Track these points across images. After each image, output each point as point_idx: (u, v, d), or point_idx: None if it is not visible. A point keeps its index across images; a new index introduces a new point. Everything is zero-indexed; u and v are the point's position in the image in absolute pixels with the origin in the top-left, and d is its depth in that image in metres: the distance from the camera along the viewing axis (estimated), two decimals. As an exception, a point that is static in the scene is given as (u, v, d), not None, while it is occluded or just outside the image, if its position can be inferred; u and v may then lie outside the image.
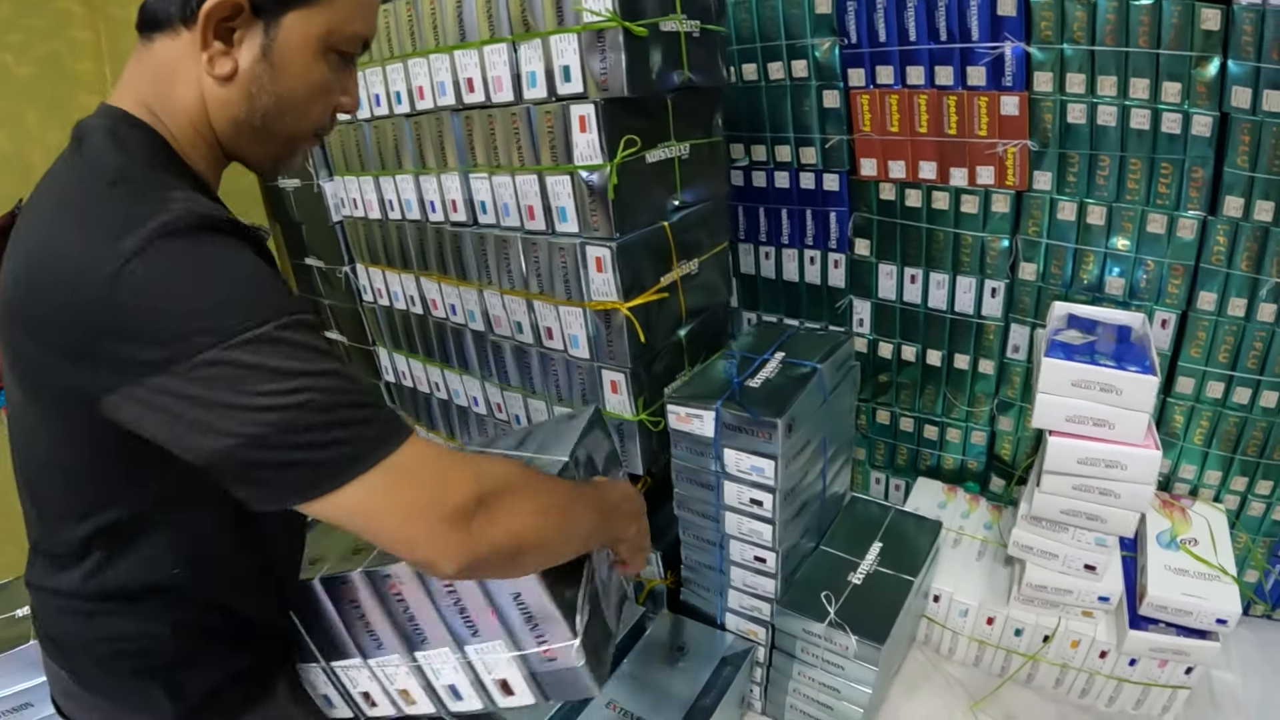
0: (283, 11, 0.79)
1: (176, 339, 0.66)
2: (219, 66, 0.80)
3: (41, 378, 0.75)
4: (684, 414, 1.52)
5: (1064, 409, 1.55)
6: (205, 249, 0.70)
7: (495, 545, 0.76)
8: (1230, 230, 1.59)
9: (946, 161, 1.80)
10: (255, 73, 0.81)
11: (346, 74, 0.89)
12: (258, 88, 0.81)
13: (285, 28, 0.80)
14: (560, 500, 0.87)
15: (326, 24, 0.82)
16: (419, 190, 1.79)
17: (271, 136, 0.86)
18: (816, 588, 1.65)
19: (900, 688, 1.85)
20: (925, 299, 1.98)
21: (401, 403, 2.36)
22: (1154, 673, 1.68)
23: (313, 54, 0.83)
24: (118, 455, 0.76)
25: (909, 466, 2.26)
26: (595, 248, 1.46)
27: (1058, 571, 1.70)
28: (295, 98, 0.84)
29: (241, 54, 0.80)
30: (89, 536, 0.82)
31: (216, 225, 0.71)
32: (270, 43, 0.80)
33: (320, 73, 0.84)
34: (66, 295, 0.67)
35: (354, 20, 0.84)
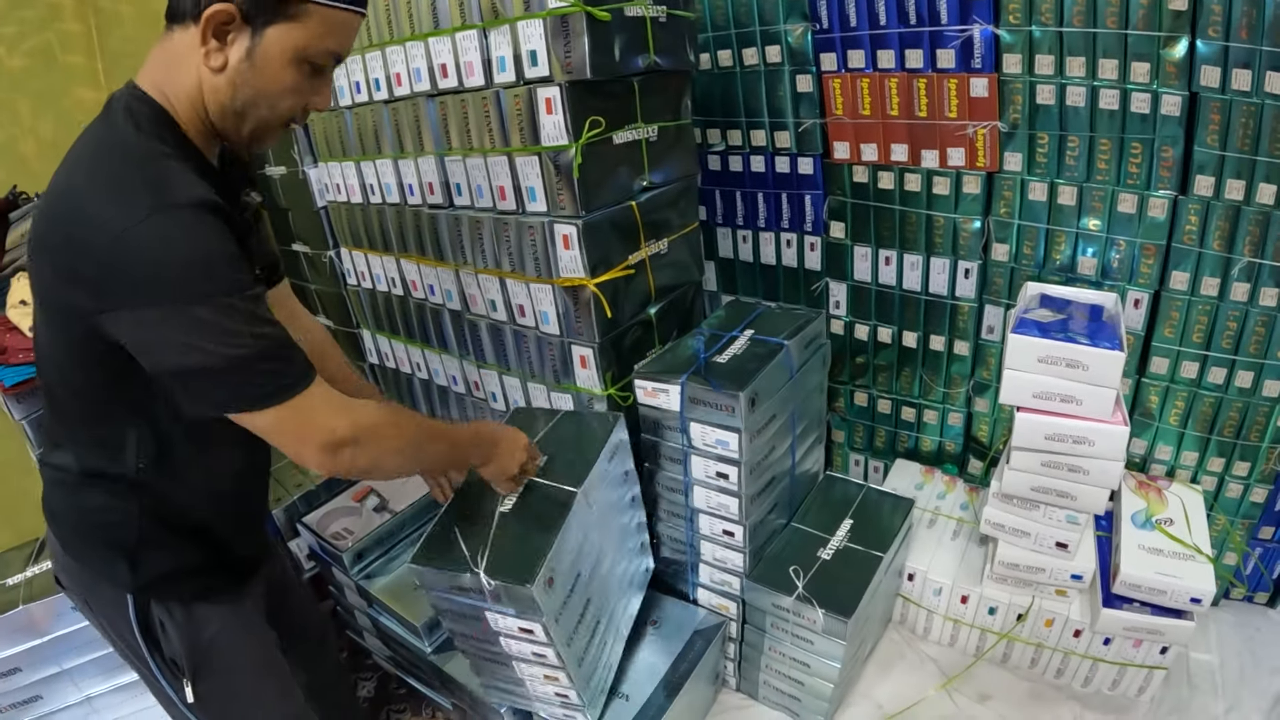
0: (267, 24, 0.97)
1: (163, 288, 0.89)
2: (213, 60, 0.98)
3: (56, 297, 0.99)
4: (651, 388, 1.56)
5: (1031, 385, 1.58)
6: (190, 226, 0.91)
7: (356, 467, 1.05)
8: (1202, 209, 1.61)
9: (918, 144, 1.84)
10: (240, 69, 0.99)
11: (321, 80, 1.06)
12: (241, 80, 0.99)
13: (268, 37, 0.97)
14: (417, 438, 1.15)
15: (302, 39, 0.99)
16: (398, 174, 1.85)
17: (247, 120, 1.04)
18: (785, 563, 1.68)
19: (875, 667, 1.88)
20: (900, 281, 2.01)
21: (385, 384, 2.41)
22: (1129, 653, 1.70)
23: (286, 61, 1.00)
24: (101, 365, 1.00)
25: (887, 449, 2.29)
26: (563, 226, 1.51)
27: (1030, 549, 1.73)
28: (269, 93, 1.01)
29: (232, 52, 0.98)
30: (77, 427, 1.12)
31: (202, 204, 0.92)
32: (254, 47, 0.98)
33: (291, 77, 1.01)
34: (83, 241, 0.90)
35: (327, 39, 1.01)
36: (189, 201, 0.92)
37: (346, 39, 1.05)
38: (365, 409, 1.07)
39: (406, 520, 1.95)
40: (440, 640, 1.77)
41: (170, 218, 0.90)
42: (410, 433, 1.14)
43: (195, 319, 0.91)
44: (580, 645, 1.44)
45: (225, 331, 0.92)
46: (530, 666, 1.45)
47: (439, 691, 1.88)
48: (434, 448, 1.21)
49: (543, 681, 1.47)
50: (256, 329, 0.95)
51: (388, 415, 1.10)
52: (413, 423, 1.16)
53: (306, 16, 0.98)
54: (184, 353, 0.92)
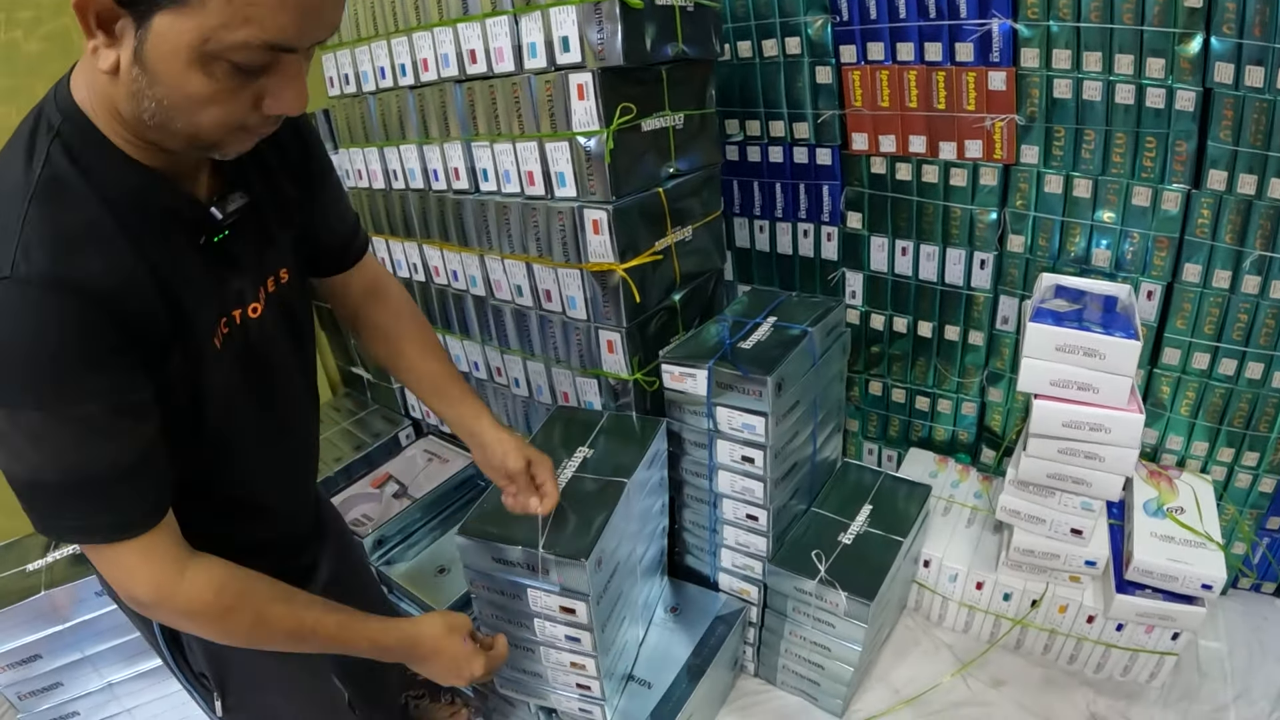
0: (148, 13, 0.70)
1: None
2: (102, 59, 0.74)
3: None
4: (678, 373, 1.60)
5: (1048, 373, 1.62)
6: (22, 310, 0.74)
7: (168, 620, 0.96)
8: (1214, 203, 1.64)
9: (936, 136, 1.88)
10: (133, 74, 0.74)
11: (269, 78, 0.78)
12: (137, 89, 0.75)
13: (154, 31, 0.71)
14: (260, 633, 0.98)
15: (197, 30, 0.70)
16: (422, 159, 1.87)
17: (173, 134, 0.80)
18: (807, 547, 1.72)
19: (890, 653, 1.93)
20: (916, 271, 2.05)
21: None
22: (1141, 638, 1.74)
23: (184, 63, 0.72)
24: None
25: (901, 438, 2.33)
26: (593, 211, 1.54)
27: (1045, 536, 1.77)
28: (176, 105, 0.76)
29: (122, 51, 0.73)
30: None
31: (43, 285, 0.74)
32: (140, 45, 0.72)
33: (197, 84, 0.74)
34: None
35: (237, 27, 0.71)
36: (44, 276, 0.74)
37: (278, 22, 0.72)
38: (183, 592, 0.91)
39: (426, 506, 1.98)
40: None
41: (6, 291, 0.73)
42: (242, 629, 0.97)
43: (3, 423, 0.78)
44: (611, 634, 1.48)
45: (24, 441, 0.79)
46: (558, 653, 1.48)
47: (459, 678, 1.91)
48: (294, 646, 1.02)
49: (566, 670, 1.50)
50: (71, 449, 0.80)
51: (213, 604, 0.93)
52: (252, 616, 0.96)
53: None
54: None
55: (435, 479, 2.01)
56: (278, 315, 1.05)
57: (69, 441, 0.80)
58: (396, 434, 2.28)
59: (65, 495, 0.82)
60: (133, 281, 0.81)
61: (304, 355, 1.16)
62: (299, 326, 1.12)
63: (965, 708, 1.79)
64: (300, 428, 1.19)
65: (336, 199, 1.20)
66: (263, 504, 1.12)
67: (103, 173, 0.81)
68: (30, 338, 0.74)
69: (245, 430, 1.01)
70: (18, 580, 1.73)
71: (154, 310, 0.83)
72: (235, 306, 0.96)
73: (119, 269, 0.80)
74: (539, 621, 1.44)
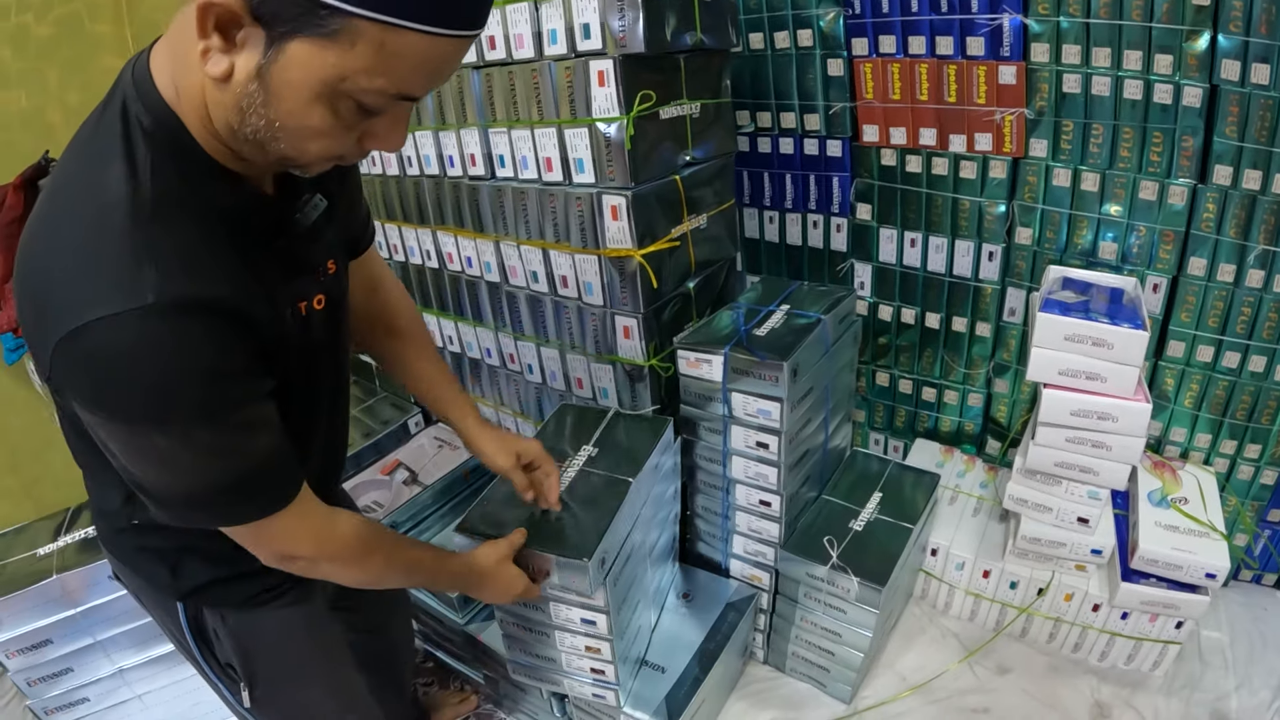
0: (290, 35, 0.68)
1: (111, 405, 0.78)
2: (213, 64, 0.72)
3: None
4: (693, 359, 1.63)
5: (1057, 363, 1.65)
6: (156, 336, 0.75)
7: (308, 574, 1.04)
8: (1219, 198, 1.68)
9: (946, 128, 1.91)
10: (248, 89, 0.73)
11: (381, 119, 0.79)
12: (248, 104, 0.74)
13: (289, 54, 0.70)
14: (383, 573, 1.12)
15: (338, 69, 0.70)
16: (438, 146, 1.89)
17: (266, 152, 0.80)
18: (819, 533, 1.76)
19: (898, 641, 1.96)
20: (924, 262, 2.09)
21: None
22: (1145, 627, 1.78)
23: (312, 94, 0.72)
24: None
25: (907, 428, 2.37)
26: (611, 197, 1.57)
27: (1051, 525, 1.81)
28: (288, 131, 0.76)
29: (240, 60, 0.72)
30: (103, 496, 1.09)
31: (179, 309, 0.76)
32: (268, 64, 0.71)
33: (319, 117, 0.75)
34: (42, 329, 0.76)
35: (380, 75, 0.71)
36: (179, 301, 0.75)
37: (414, 78, 0.74)
38: (336, 540, 1.02)
39: (437, 493, 2.00)
40: (474, 612, 1.82)
41: (133, 325, 0.73)
42: (377, 568, 1.09)
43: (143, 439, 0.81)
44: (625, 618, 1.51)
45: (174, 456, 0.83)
46: (573, 637, 1.51)
47: (471, 664, 1.93)
48: (405, 580, 1.21)
49: (581, 654, 1.53)
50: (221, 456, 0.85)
51: (358, 548, 1.05)
52: (384, 556, 1.10)
53: (354, 35, 0.68)
54: (142, 468, 0.85)
55: (445, 465, 2.03)
56: (328, 306, 1.07)
57: (238, 444, 0.86)
58: (405, 421, 2.29)
59: (240, 489, 0.89)
60: (247, 291, 0.84)
61: (346, 345, 1.18)
62: (343, 317, 1.14)
63: (971, 695, 1.82)
64: (341, 414, 1.24)
65: (358, 186, 1.22)
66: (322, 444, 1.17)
67: (204, 184, 0.82)
68: (189, 361, 0.78)
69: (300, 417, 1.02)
70: (28, 565, 1.74)
71: (264, 314, 0.88)
72: (301, 300, 0.99)
73: (236, 280, 0.83)
74: (553, 605, 1.47)
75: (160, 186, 0.78)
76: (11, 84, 2.08)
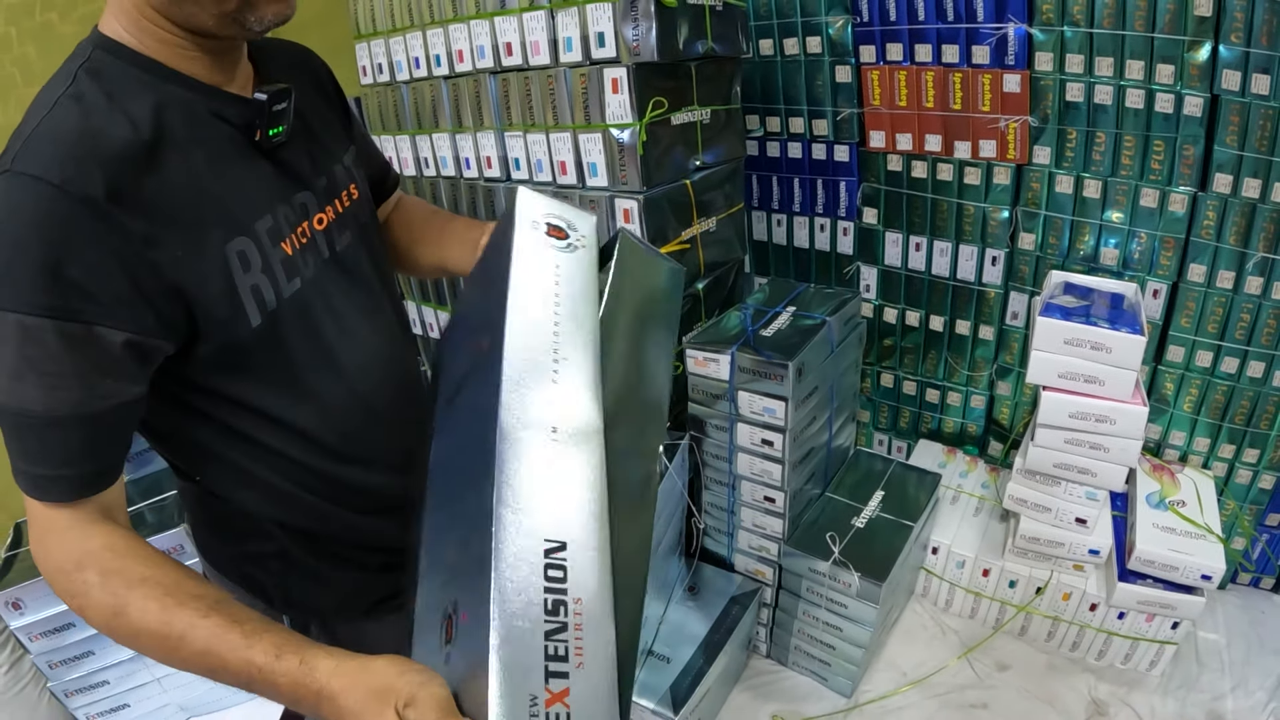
0: None
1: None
2: None
3: None
4: (701, 358, 1.71)
5: (1057, 366, 1.72)
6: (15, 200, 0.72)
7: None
8: (1219, 206, 1.73)
9: (951, 135, 1.98)
10: None
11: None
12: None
13: None
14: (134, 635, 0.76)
15: None
16: (455, 148, 1.97)
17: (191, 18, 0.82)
18: (822, 530, 1.83)
19: (899, 637, 2.03)
20: (929, 266, 2.16)
21: (428, 355, 2.51)
22: (1141, 627, 1.84)
23: None
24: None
25: (911, 429, 2.44)
26: (624, 200, 1.64)
27: (1050, 524, 1.88)
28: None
29: None
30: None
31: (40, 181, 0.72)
32: None
33: None
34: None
35: None
36: (32, 171, 0.72)
37: None
38: (75, 573, 0.76)
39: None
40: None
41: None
42: (96, 608, 0.76)
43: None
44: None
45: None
46: None
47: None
48: (175, 657, 0.76)
49: None
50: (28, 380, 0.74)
51: (67, 566, 0.77)
52: (103, 595, 0.76)
53: None
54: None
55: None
56: (356, 234, 1.07)
57: (41, 380, 0.75)
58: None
59: (14, 436, 0.78)
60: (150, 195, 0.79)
61: (387, 280, 1.16)
62: (377, 247, 1.14)
63: (970, 691, 1.89)
64: (397, 356, 1.16)
65: (364, 132, 1.23)
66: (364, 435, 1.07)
67: (132, 86, 0.81)
68: (26, 234, 0.72)
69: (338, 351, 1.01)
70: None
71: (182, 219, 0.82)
72: (303, 218, 0.98)
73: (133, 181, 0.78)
74: None
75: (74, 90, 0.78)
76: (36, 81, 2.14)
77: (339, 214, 1.05)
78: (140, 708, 1.96)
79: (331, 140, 1.08)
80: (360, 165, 1.15)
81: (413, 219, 1.32)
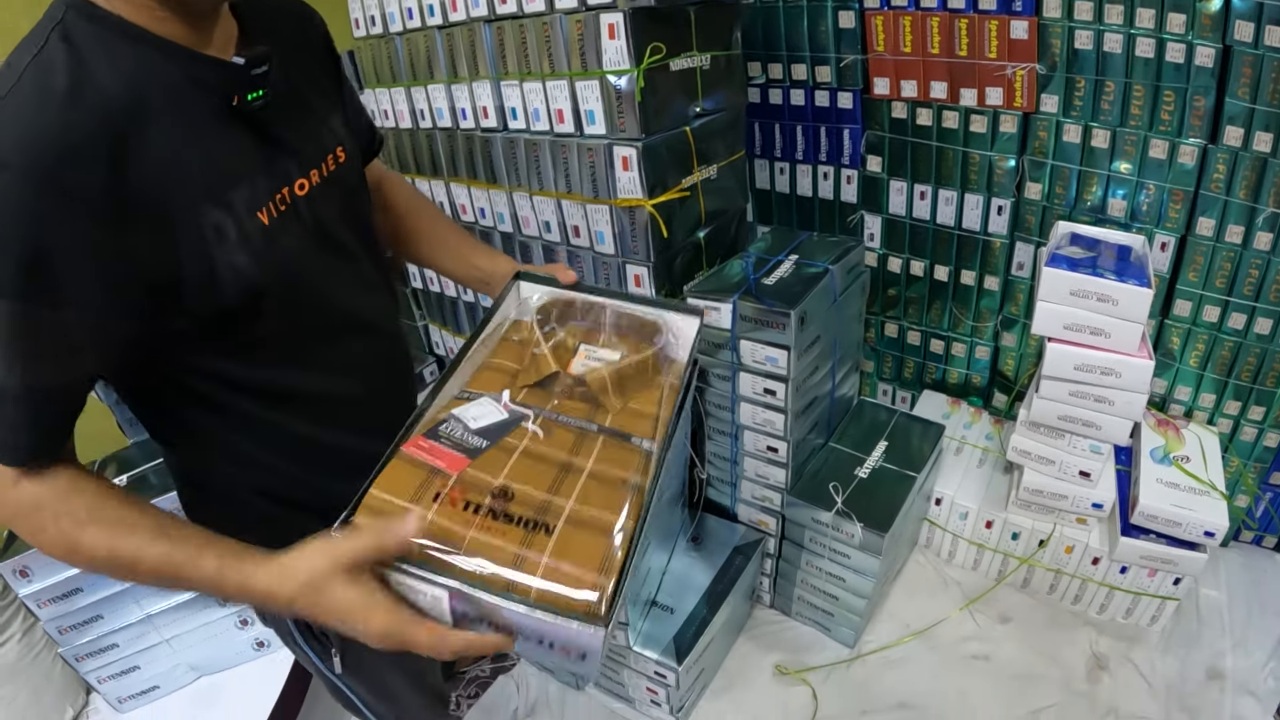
0: None
1: None
2: None
3: None
4: (703, 306, 1.69)
5: (1062, 317, 1.71)
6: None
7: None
8: (1230, 159, 1.71)
9: (957, 82, 1.96)
10: None
11: None
12: None
13: None
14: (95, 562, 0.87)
15: None
16: (450, 99, 1.96)
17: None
18: (824, 480, 1.83)
19: (901, 588, 2.05)
20: (934, 215, 2.14)
21: (429, 308, 2.54)
22: (1143, 582, 1.85)
23: None
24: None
25: (915, 380, 2.45)
26: (622, 148, 1.63)
27: (1054, 477, 1.88)
28: None
29: None
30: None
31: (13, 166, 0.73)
32: None
33: None
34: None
35: None
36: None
37: None
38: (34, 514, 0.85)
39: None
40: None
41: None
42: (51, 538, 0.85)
43: None
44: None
45: None
46: None
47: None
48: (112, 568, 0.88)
49: None
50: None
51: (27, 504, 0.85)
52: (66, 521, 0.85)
53: None
54: None
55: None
56: (340, 199, 1.06)
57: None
58: (420, 371, 2.36)
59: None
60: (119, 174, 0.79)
61: (372, 248, 1.16)
62: (363, 213, 1.14)
63: (972, 642, 1.91)
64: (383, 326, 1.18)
65: (353, 90, 1.23)
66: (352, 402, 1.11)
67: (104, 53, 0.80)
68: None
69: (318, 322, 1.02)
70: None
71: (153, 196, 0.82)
72: (283, 184, 0.97)
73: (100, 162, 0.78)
74: None
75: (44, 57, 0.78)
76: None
77: (323, 178, 1.04)
78: (151, 669, 1.98)
79: (318, 101, 1.07)
80: (349, 127, 1.14)
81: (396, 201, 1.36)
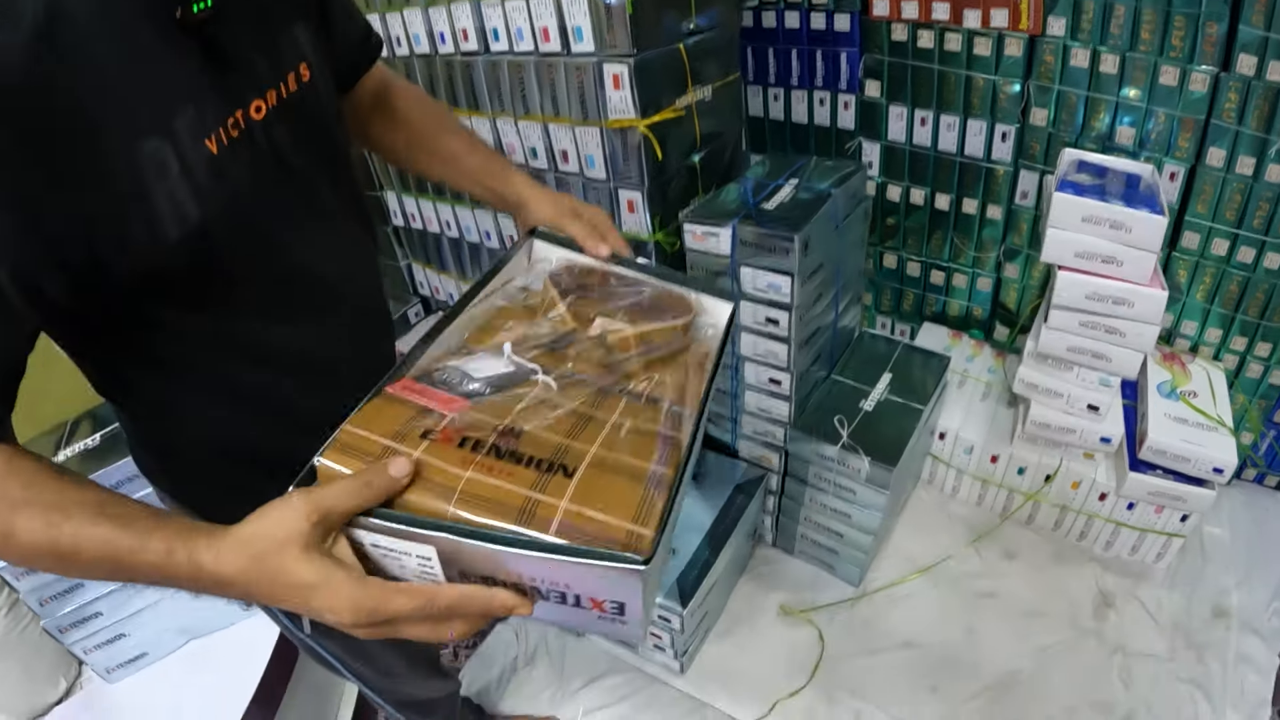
0: None
1: None
2: None
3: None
4: (700, 232, 1.63)
5: (1074, 244, 1.66)
6: None
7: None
8: (1242, 88, 1.66)
9: (960, 3, 1.89)
10: None
11: None
12: None
13: None
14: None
15: None
16: (428, 22, 1.86)
17: None
18: (829, 413, 1.79)
19: (905, 525, 2.02)
20: (935, 142, 2.08)
21: (411, 246, 2.46)
22: (1150, 518, 1.83)
23: None
24: None
25: (914, 312, 2.40)
26: (613, 65, 1.55)
27: (1061, 411, 1.84)
28: None
29: None
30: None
31: None
32: None
33: None
34: None
35: None
36: None
37: None
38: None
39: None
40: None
41: None
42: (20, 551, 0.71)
43: None
44: None
45: None
46: None
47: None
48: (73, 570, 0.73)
49: None
50: None
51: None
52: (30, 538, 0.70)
53: None
54: None
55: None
56: (306, 124, 0.95)
57: None
58: (405, 311, 2.28)
59: None
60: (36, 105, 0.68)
61: (341, 179, 1.05)
62: (335, 141, 1.03)
63: (978, 579, 1.88)
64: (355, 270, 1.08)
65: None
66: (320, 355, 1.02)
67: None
68: None
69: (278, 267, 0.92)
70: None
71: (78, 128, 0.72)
72: (235, 107, 0.85)
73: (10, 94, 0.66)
74: None
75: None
76: None
77: (283, 99, 0.91)
78: (139, 635, 1.90)
79: (279, 8, 0.93)
80: (322, 36, 1.00)
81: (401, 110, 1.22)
